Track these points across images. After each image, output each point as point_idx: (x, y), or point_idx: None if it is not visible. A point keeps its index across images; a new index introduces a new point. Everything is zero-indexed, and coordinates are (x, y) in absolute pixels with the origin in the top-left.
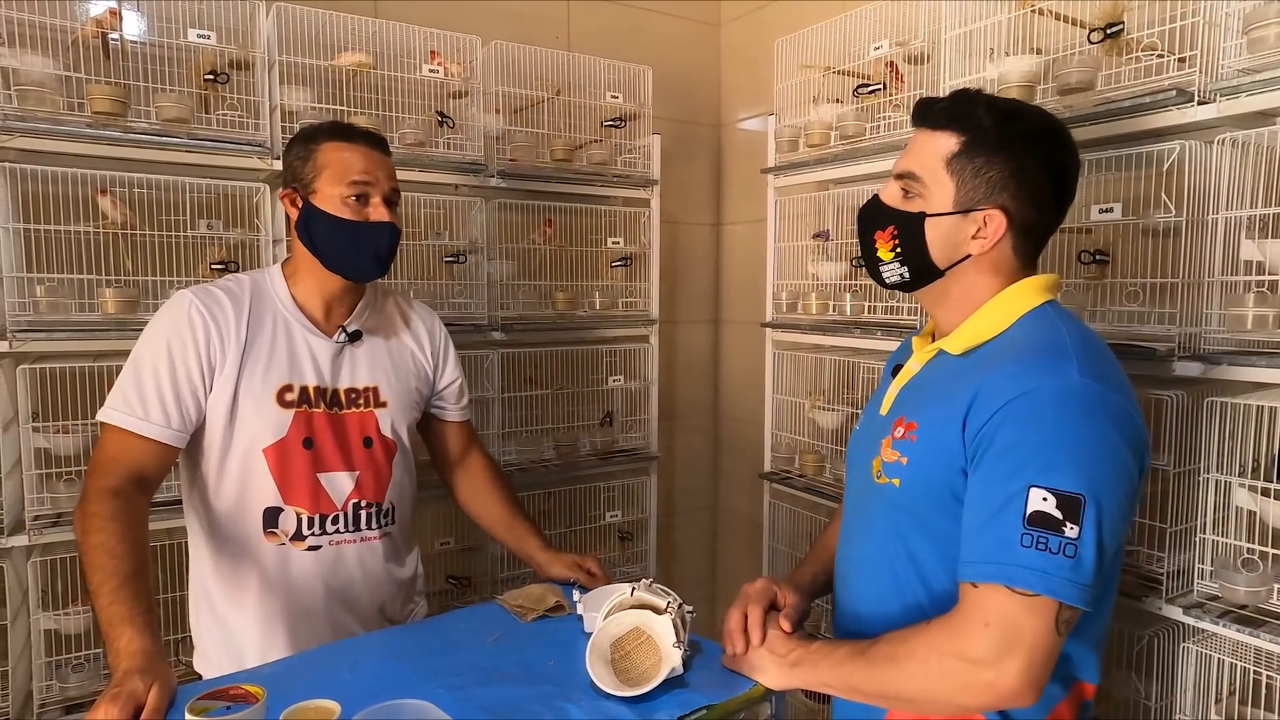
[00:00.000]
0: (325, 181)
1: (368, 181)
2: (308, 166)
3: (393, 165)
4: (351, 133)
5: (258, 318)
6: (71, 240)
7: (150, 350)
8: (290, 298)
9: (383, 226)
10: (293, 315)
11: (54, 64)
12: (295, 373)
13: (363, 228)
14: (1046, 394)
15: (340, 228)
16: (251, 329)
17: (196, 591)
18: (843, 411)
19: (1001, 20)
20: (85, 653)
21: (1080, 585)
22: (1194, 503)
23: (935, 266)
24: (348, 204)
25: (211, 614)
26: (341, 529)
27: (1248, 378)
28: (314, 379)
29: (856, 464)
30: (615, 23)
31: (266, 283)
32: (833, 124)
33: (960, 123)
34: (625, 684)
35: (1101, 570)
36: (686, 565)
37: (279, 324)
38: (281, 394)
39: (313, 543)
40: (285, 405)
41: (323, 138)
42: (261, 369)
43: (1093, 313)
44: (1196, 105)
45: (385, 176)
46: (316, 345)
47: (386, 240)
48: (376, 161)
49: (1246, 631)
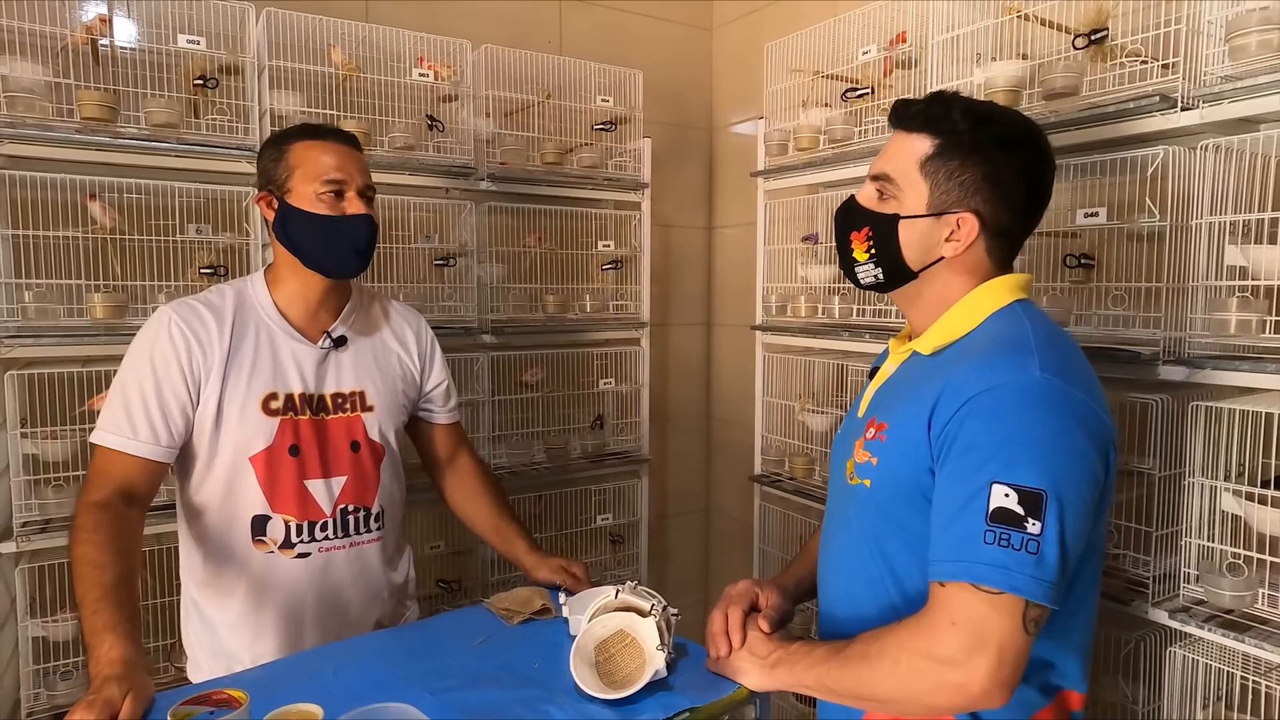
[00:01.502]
0: (299, 180)
1: (341, 178)
2: (280, 167)
3: (365, 162)
4: (321, 131)
5: (240, 328)
6: (61, 245)
7: (135, 370)
8: (273, 305)
9: (359, 219)
10: (275, 323)
11: (44, 70)
12: (280, 380)
13: (339, 221)
14: (1009, 390)
15: (317, 224)
16: (235, 339)
17: (186, 599)
18: (832, 414)
19: (988, 25)
20: (73, 660)
21: (1044, 582)
22: (1179, 507)
23: (909, 268)
24: (323, 199)
25: (201, 621)
26: (331, 535)
27: (1232, 382)
28: (299, 385)
29: (835, 467)
30: (607, 26)
31: (249, 291)
32: (822, 128)
33: (935, 125)
34: (609, 686)
35: (1067, 567)
36: (678, 568)
37: (262, 332)
38: (266, 402)
39: (302, 550)
40: (270, 413)
41: (293, 138)
42: (245, 378)
43: (1078, 316)
44: (1180, 111)
45: (358, 171)
46: (300, 352)
47: (364, 232)
48: (348, 157)
49: (1232, 636)
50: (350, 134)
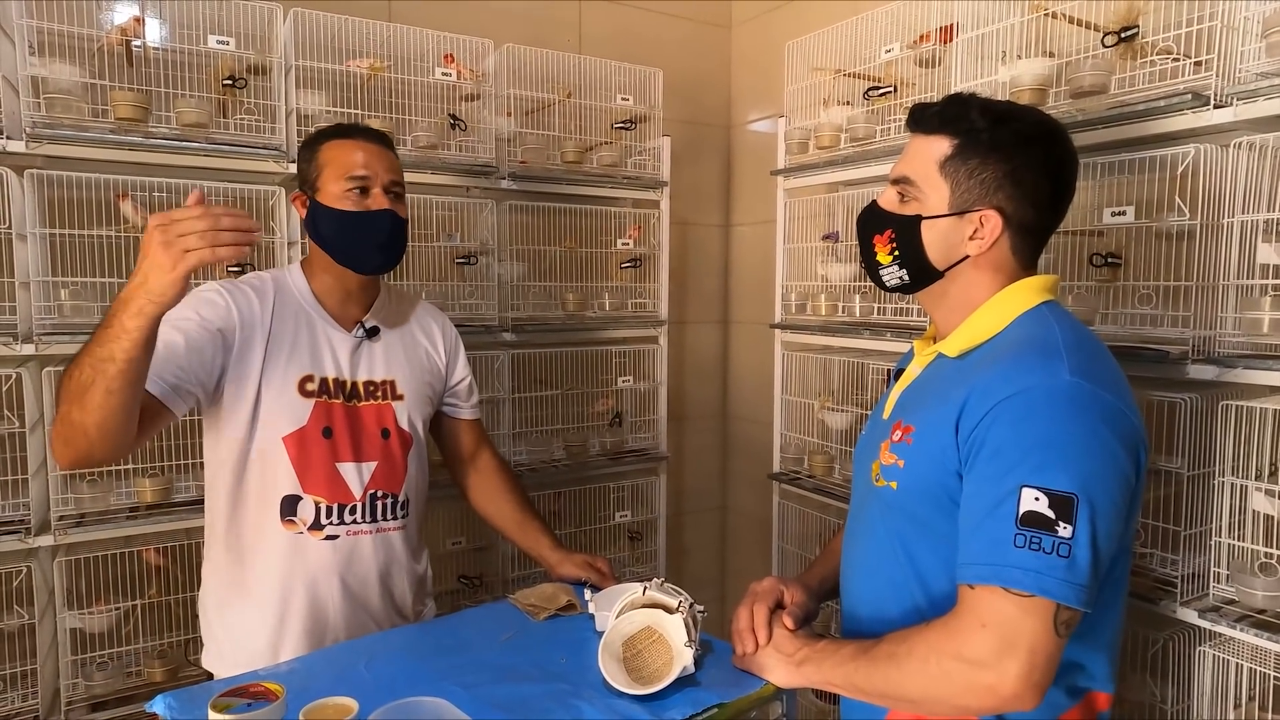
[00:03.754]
0: (327, 178)
1: (365, 174)
2: (312, 167)
3: (395, 159)
4: (351, 130)
5: (281, 309)
6: (95, 244)
7: (175, 315)
8: (310, 292)
9: (382, 214)
10: (313, 309)
11: (80, 72)
12: (316, 363)
13: (363, 217)
14: (1037, 393)
15: (342, 219)
16: (276, 319)
17: (209, 584)
18: (852, 412)
19: (1014, 23)
20: (109, 651)
21: (1076, 585)
22: (1208, 506)
23: (934, 268)
24: (349, 196)
25: (226, 605)
26: (359, 519)
27: (1264, 381)
28: (334, 371)
29: (859, 468)
30: (627, 25)
31: (287, 278)
32: (843, 126)
33: (953, 126)
34: (637, 682)
35: (1099, 570)
36: (696, 565)
37: (300, 316)
38: (303, 384)
39: (330, 532)
40: (306, 395)
41: (324, 139)
42: (284, 358)
43: (1104, 315)
44: (1213, 109)
45: (384, 169)
46: (336, 338)
47: (387, 227)
48: (375, 154)
49: (1266, 636)
50: (381, 132)
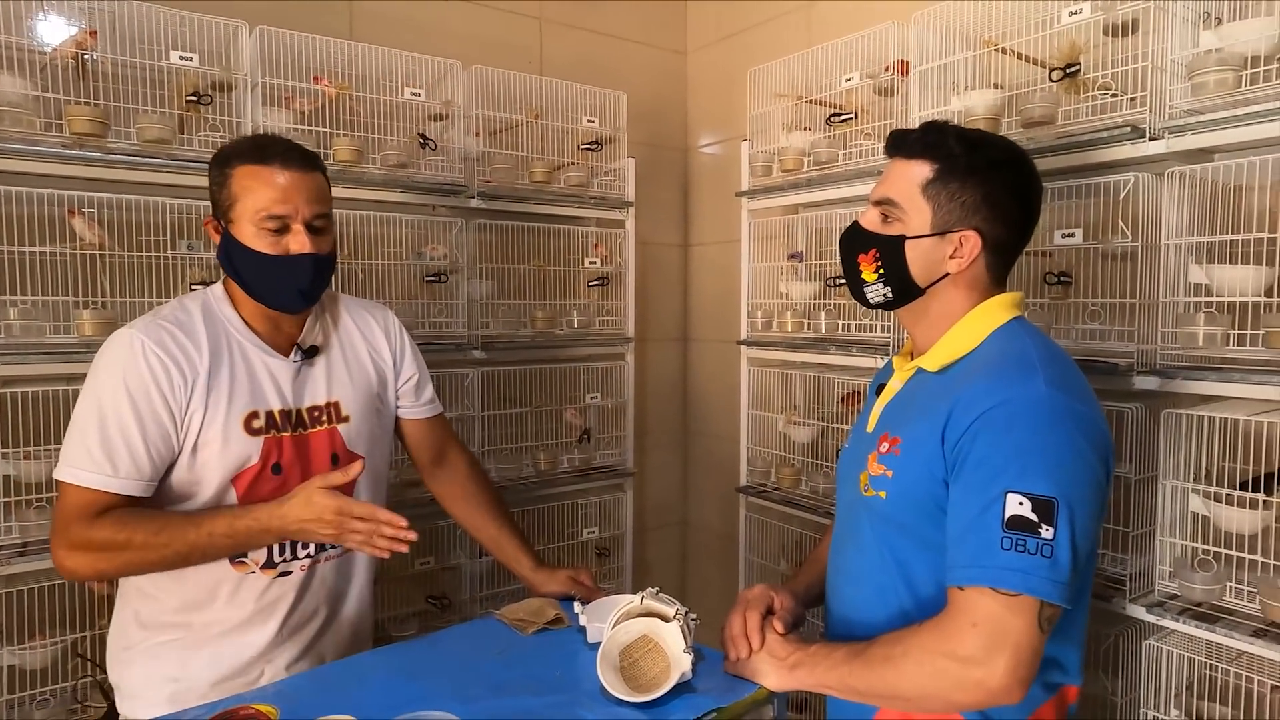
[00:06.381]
0: (241, 212)
1: (283, 213)
2: (224, 194)
3: (319, 183)
4: (268, 152)
5: (215, 346)
6: (47, 262)
7: (108, 399)
8: (240, 320)
9: (303, 260)
10: (245, 337)
11: (29, 85)
12: (258, 398)
13: (281, 262)
14: (1017, 405)
15: (260, 262)
16: (212, 359)
17: (137, 629)
18: (815, 426)
19: (967, 57)
20: (49, 688)
21: (1058, 583)
22: (1153, 508)
23: (916, 285)
24: (263, 236)
25: (160, 651)
26: (313, 550)
27: (1201, 391)
28: (278, 402)
29: (845, 479)
30: (586, 50)
31: (215, 308)
32: (806, 150)
33: (933, 151)
34: (635, 690)
35: (1078, 568)
36: (658, 580)
37: (234, 347)
38: (248, 421)
39: (284, 569)
40: (253, 433)
41: (237, 160)
42: (225, 398)
43: (1057, 330)
44: (1148, 140)
45: (306, 201)
46: (275, 366)
47: (308, 272)
48: (295, 183)
49: (1204, 627)
50: (303, 150)
